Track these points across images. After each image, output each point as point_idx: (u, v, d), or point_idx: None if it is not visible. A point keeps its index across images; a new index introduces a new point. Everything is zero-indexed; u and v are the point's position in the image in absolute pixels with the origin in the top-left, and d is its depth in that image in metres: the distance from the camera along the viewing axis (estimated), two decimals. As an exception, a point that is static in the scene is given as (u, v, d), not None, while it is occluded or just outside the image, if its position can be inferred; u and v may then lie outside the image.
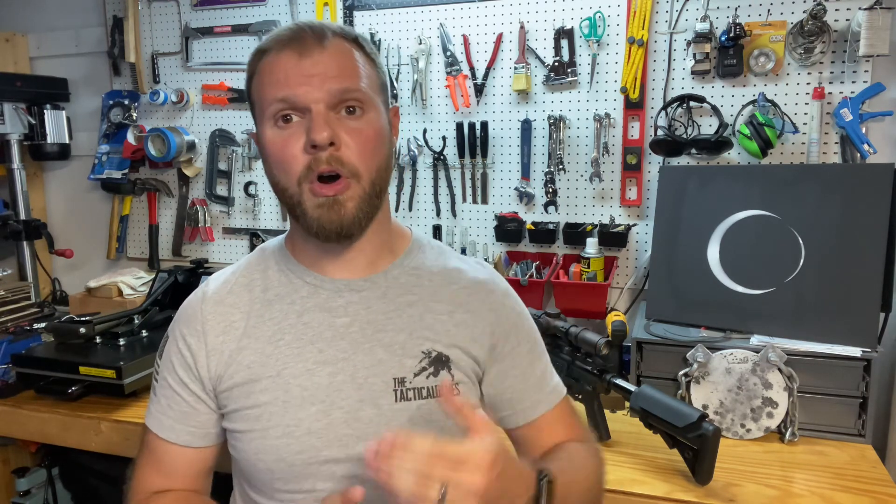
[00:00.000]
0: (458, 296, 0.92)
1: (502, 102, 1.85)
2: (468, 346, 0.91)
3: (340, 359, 0.86)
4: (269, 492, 0.87)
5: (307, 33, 0.82)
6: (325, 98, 0.80)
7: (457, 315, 0.91)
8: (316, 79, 0.80)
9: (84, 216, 2.40)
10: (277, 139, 0.82)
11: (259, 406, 0.85)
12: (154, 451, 0.91)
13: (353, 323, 0.88)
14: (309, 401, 0.85)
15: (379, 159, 0.84)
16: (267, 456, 0.84)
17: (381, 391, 0.86)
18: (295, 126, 0.81)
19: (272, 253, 0.94)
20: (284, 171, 0.82)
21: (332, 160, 0.80)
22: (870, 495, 1.15)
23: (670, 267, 1.57)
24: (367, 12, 1.94)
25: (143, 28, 2.18)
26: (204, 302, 0.90)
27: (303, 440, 0.84)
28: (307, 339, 0.87)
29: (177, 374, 0.90)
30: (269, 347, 0.87)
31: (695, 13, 1.66)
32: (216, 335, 0.88)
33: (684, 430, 1.15)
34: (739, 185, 1.52)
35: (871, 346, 1.33)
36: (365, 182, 0.82)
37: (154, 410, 0.92)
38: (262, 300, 0.90)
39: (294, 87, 0.80)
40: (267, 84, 0.82)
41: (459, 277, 0.94)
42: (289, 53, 0.81)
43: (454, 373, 0.89)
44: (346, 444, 0.84)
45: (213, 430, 0.91)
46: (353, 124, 0.82)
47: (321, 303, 0.88)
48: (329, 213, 0.81)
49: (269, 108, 0.82)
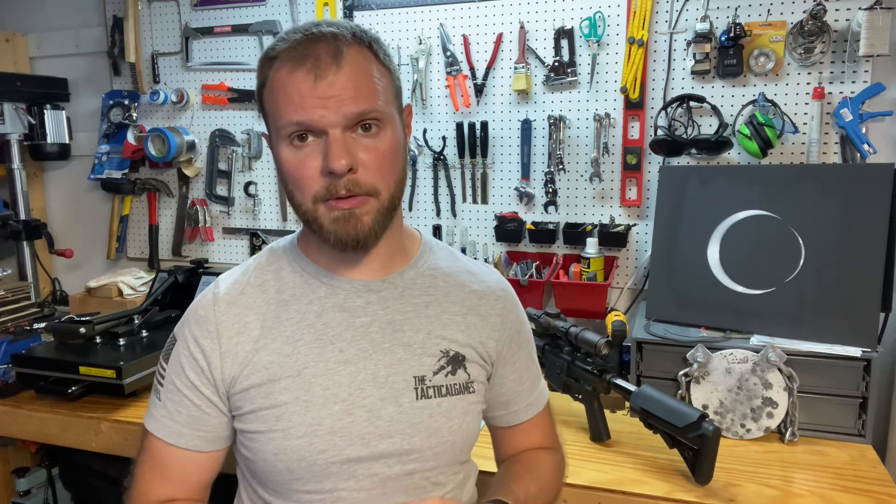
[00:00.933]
0: (469, 299, 0.95)
1: (502, 102, 1.85)
2: (479, 348, 0.94)
3: (361, 358, 0.87)
4: (287, 493, 0.87)
5: (321, 48, 0.79)
6: (341, 122, 0.79)
7: (469, 317, 0.94)
8: (332, 101, 0.78)
9: (84, 216, 2.40)
10: (293, 159, 0.82)
11: (279, 406, 0.85)
12: (159, 457, 0.89)
13: (373, 323, 0.89)
14: (331, 400, 0.85)
15: (396, 174, 0.85)
16: (287, 456, 0.84)
17: (402, 389, 0.87)
18: (311, 146, 0.81)
19: (284, 253, 0.94)
20: (300, 191, 0.82)
21: (351, 184, 0.80)
22: (870, 495, 1.15)
23: (670, 267, 1.57)
24: (367, 12, 1.94)
25: (143, 28, 2.18)
26: (216, 303, 0.89)
27: (325, 439, 0.84)
28: (327, 338, 0.87)
29: (187, 378, 0.88)
30: (288, 348, 0.87)
31: (695, 13, 1.66)
32: (230, 336, 0.87)
33: (684, 430, 1.15)
34: (739, 185, 1.52)
35: (871, 346, 1.33)
36: (383, 198, 0.83)
37: (158, 415, 0.90)
38: (278, 301, 0.90)
39: (310, 111, 0.79)
40: (282, 103, 0.81)
41: (472, 281, 0.97)
42: (303, 74, 0.79)
43: (470, 371, 0.92)
44: (369, 442, 0.85)
45: (223, 433, 0.90)
46: (370, 143, 0.81)
47: (340, 303, 0.89)
48: (346, 227, 0.82)
49: (285, 129, 0.81)
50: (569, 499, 1.19)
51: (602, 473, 1.23)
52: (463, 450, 0.93)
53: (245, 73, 2.10)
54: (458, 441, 0.90)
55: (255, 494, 0.91)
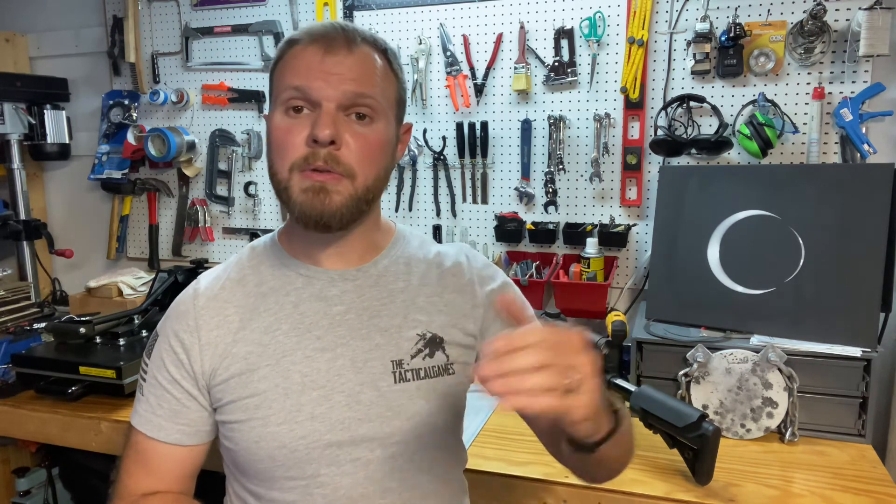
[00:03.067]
0: (444, 277, 0.96)
1: (502, 102, 1.85)
2: (463, 323, 0.94)
3: (339, 345, 0.88)
4: (270, 481, 0.87)
5: (339, 33, 0.84)
6: (337, 97, 0.82)
7: (446, 296, 0.95)
8: (334, 77, 0.82)
9: (84, 216, 2.40)
10: (283, 125, 0.84)
11: (258, 394, 0.86)
12: (142, 451, 0.91)
13: (349, 311, 0.90)
14: (310, 386, 0.86)
15: (377, 168, 0.86)
16: (268, 443, 0.85)
17: (381, 374, 0.88)
18: (303, 118, 0.83)
19: (263, 249, 0.96)
20: (280, 157, 0.84)
21: (330, 158, 0.81)
22: (870, 495, 1.15)
23: (670, 267, 1.57)
24: (367, 12, 1.94)
25: (143, 28, 2.18)
26: (196, 298, 0.91)
27: (305, 425, 0.85)
28: (304, 327, 0.88)
29: (167, 372, 0.90)
30: (266, 337, 0.88)
31: (695, 13, 1.66)
32: (210, 329, 0.89)
33: (684, 430, 1.15)
34: (739, 185, 1.52)
35: (871, 346, 1.33)
36: (358, 184, 0.84)
37: (141, 410, 0.91)
38: (257, 293, 0.91)
39: (311, 80, 0.82)
40: (287, 70, 0.84)
41: (442, 261, 0.98)
42: (315, 48, 0.83)
43: (449, 353, 0.92)
44: (349, 426, 0.85)
45: (204, 428, 0.91)
46: (359, 129, 0.84)
47: (316, 293, 0.90)
48: (313, 200, 0.82)
49: (283, 94, 0.84)
50: (569, 499, 1.19)
51: (602, 473, 1.22)
52: (446, 432, 0.93)
53: (245, 73, 2.10)
54: (440, 423, 0.90)
55: (241, 488, 0.92)
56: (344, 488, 0.86)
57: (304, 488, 0.86)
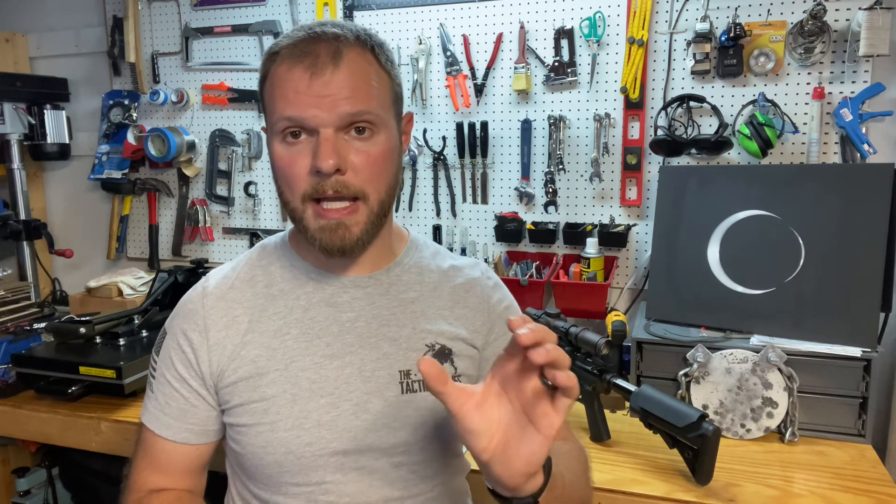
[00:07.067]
0: (456, 292, 0.96)
1: (502, 102, 1.85)
2: (471, 338, 0.94)
3: (348, 352, 0.88)
4: (276, 486, 0.87)
5: (322, 48, 0.80)
6: (333, 121, 0.79)
7: (456, 310, 0.95)
8: (326, 101, 0.79)
9: (84, 216, 2.40)
10: (284, 155, 0.83)
11: (266, 399, 0.86)
12: (151, 448, 0.91)
13: (359, 318, 0.90)
14: (318, 393, 0.86)
15: (387, 179, 0.85)
16: (275, 449, 0.85)
17: (388, 383, 0.88)
18: (303, 144, 0.81)
19: (274, 249, 0.95)
20: (290, 188, 0.83)
21: (338, 185, 0.81)
22: (870, 495, 1.15)
23: (670, 267, 1.57)
24: (367, 12, 1.94)
25: (143, 28, 2.18)
26: (205, 297, 0.91)
27: (312, 432, 0.85)
28: (314, 333, 0.88)
29: (176, 371, 0.90)
30: (276, 342, 0.88)
31: (695, 13, 1.66)
32: (218, 330, 0.88)
33: (684, 430, 1.15)
34: (739, 185, 1.52)
35: (871, 346, 1.33)
36: (372, 202, 0.84)
37: (151, 407, 0.92)
38: (266, 295, 0.91)
39: (303, 109, 0.79)
40: (277, 97, 0.81)
41: (457, 275, 0.98)
42: (301, 71, 0.79)
43: (458, 365, 0.92)
44: (355, 436, 0.85)
45: (212, 427, 0.91)
46: (361, 146, 0.82)
47: (326, 298, 0.90)
48: (332, 237, 0.83)
49: (278, 124, 0.82)
50: (569, 499, 1.19)
51: (602, 473, 1.23)
52: (451, 443, 0.93)
53: (245, 73, 2.10)
54: (445, 434, 0.90)
55: (245, 489, 0.92)
56: (349, 496, 0.86)
57: (309, 495, 0.86)
